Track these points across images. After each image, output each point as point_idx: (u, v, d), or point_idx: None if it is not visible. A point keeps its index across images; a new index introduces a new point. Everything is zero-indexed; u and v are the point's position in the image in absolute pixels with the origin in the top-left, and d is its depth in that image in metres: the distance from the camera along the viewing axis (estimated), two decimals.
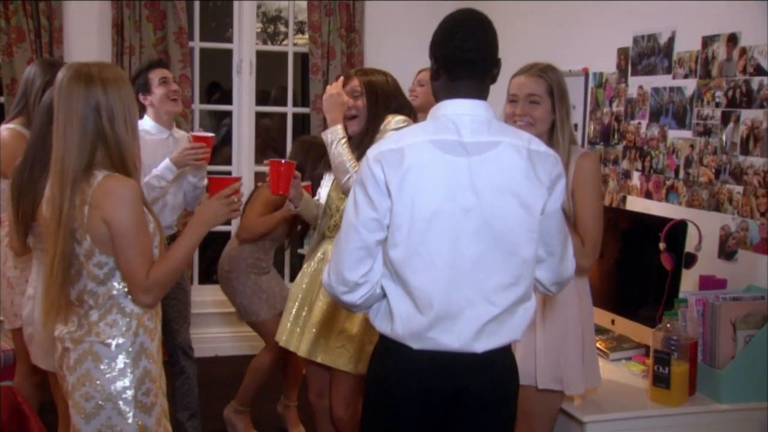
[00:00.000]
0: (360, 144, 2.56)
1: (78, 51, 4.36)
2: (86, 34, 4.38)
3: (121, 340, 1.96)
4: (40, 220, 2.27)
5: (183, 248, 2.01)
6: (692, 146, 2.90)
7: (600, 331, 2.82)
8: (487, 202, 1.71)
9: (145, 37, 4.35)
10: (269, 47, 6.25)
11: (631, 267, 2.75)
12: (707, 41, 2.83)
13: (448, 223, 1.71)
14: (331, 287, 1.80)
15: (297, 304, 2.75)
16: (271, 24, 7.53)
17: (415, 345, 1.76)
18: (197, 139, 3.09)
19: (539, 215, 1.74)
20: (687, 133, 2.93)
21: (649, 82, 3.14)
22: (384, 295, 1.80)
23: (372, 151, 1.76)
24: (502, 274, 1.74)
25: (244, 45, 4.70)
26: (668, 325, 2.36)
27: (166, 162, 3.02)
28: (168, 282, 1.99)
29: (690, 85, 2.91)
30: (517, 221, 1.72)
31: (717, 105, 2.78)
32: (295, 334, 2.72)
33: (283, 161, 2.61)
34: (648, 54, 3.15)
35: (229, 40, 4.89)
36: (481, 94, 1.79)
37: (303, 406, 3.74)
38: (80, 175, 1.91)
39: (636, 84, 3.22)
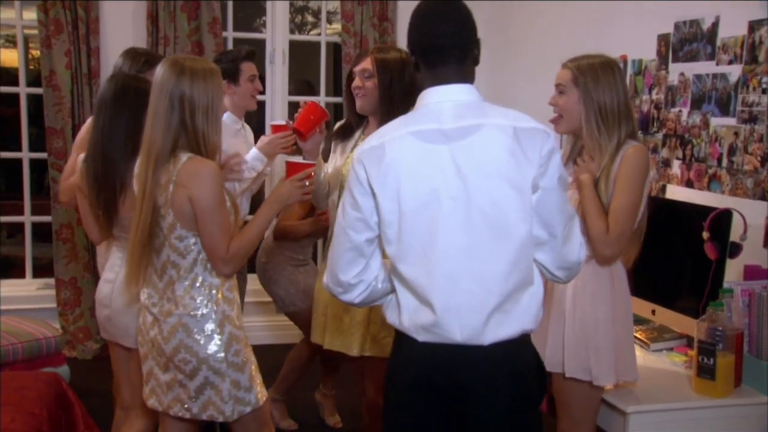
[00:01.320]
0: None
1: (114, 42, 4.41)
2: (122, 25, 4.43)
3: (205, 311, 2.17)
4: (125, 211, 2.41)
5: (258, 223, 2.24)
6: (736, 134, 2.84)
7: (640, 321, 2.79)
8: (474, 188, 1.66)
9: (179, 27, 4.38)
10: (302, 37, 6.25)
11: (672, 256, 2.71)
12: (754, 26, 2.76)
13: (438, 214, 1.67)
14: (328, 288, 1.83)
15: (334, 306, 2.65)
16: (298, 14, 7.54)
17: (420, 337, 1.74)
18: (277, 128, 3.03)
19: (531, 193, 1.68)
20: (731, 121, 2.87)
21: (691, 68, 3.08)
22: (394, 289, 1.79)
23: (357, 151, 1.76)
24: (498, 261, 1.68)
25: (278, 35, 4.71)
26: (713, 316, 2.32)
27: (254, 152, 3.01)
28: (246, 254, 2.22)
29: (735, 72, 2.85)
30: (509, 202, 1.66)
31: (764, 91, 2.72)
32: (339, 337, 2.66)
33: (321, 108, 2.60)
34: (690, 40, 3.09)
35: (258, 30, 4.90)
36: (464, 77, 1.75)
37: (339, 396, 3.76)
38: (163, 157, 2.11)
39: (677, 71, 3.16)
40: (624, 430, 2.27)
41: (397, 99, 2.49)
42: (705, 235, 2.49)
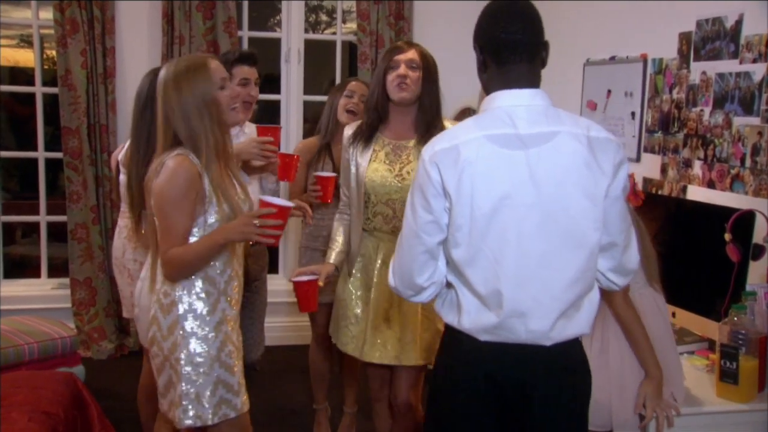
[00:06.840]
0: (426, 124, 2.58)
1: (129, 41, 4.42)
2: (137, 25, 4.43)
3: (205, 311, 2.13)
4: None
5: (200, 247, 2.09)
6: (760, 133, 2.79)
7: None
8: (548, 196, 1.66)
9: (194, 26, 4.37)
10: (318, 36, 6.24)
11: (693, 258, 2.67)
12: None
13: (510, 220, 1.67)
14: (397, 291, 1.82)
15: (375, 315, 2.59)
16: (312, 13, 7.54)
17: (482, 337, 1.75)
18: (264, 130, 2.63)
19: (602, 203, 1.70)
20: (755, 120, 2.82)
21: (714, 67, 3.03)
22: (449, 284, 1.79)
23: (426, 152, 1.72)
24: (568, 270, 1.70)
25: (293, 34, 4.70)
26: (735, 319, 2.28)
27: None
28: (181, 266, 2.09)
29: (759, 70, 2.80)
30: (582, 212, 1.68)
31: None
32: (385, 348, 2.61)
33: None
34: (712, 38, 3.04)
35: (272, 29, 4.88)
36: (534, 80, 1.75)
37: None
38: (161, 154, 2.10)
39: (699, 70, 3.12)
40: None
41: (436, 91, 2.60)
42: (727, 236, 2.44)
